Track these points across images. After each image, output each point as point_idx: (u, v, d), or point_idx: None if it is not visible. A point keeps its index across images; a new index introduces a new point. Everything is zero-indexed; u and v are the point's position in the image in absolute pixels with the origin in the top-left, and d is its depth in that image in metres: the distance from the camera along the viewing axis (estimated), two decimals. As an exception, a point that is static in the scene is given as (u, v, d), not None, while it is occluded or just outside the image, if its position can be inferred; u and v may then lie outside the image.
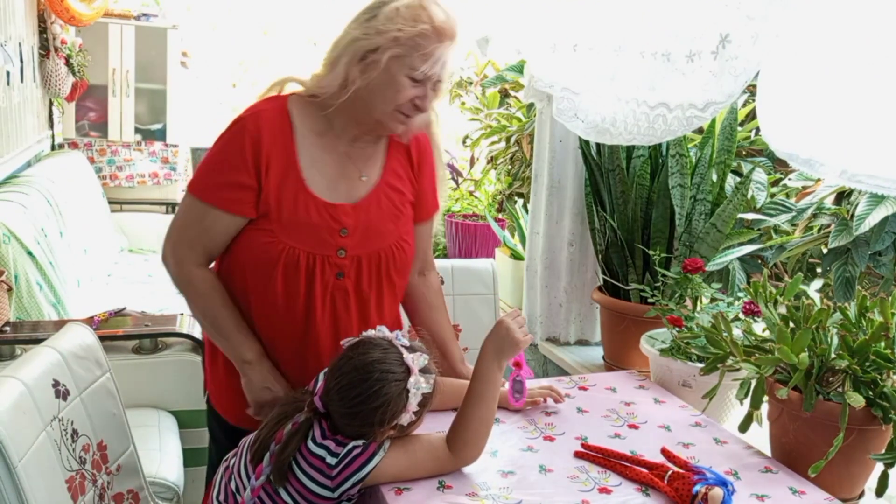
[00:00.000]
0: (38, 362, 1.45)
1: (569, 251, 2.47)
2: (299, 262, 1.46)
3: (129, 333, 2.28)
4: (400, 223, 1.55)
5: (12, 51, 3.13)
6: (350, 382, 1.27)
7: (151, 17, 4.61)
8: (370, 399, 1.25)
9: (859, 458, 1.40)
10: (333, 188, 1.49)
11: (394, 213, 1.54)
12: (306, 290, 1.47)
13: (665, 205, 2.11)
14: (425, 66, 1.41)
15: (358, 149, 1.53)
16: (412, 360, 1.28)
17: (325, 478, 1.26)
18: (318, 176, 1.48)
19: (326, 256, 1.46)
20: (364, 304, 1.52)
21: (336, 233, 1.47)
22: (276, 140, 1.47)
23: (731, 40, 1.56)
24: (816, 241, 2.18)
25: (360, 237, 1.49)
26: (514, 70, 3.79)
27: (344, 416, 1.27)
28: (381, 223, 1.52)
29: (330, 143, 1.51)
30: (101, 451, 1.56)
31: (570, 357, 2.41)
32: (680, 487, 1.31)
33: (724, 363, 1.55)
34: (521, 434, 1.51)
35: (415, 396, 1.27)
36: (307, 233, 1.46)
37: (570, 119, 2.10)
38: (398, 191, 1.56)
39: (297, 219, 1.46)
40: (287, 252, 1.45)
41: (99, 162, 4.52)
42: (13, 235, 2.50)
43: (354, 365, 1.28)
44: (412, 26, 1.39)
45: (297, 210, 1.46)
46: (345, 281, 1.48)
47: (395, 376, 1.26)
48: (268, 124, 1.47)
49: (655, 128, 1.81)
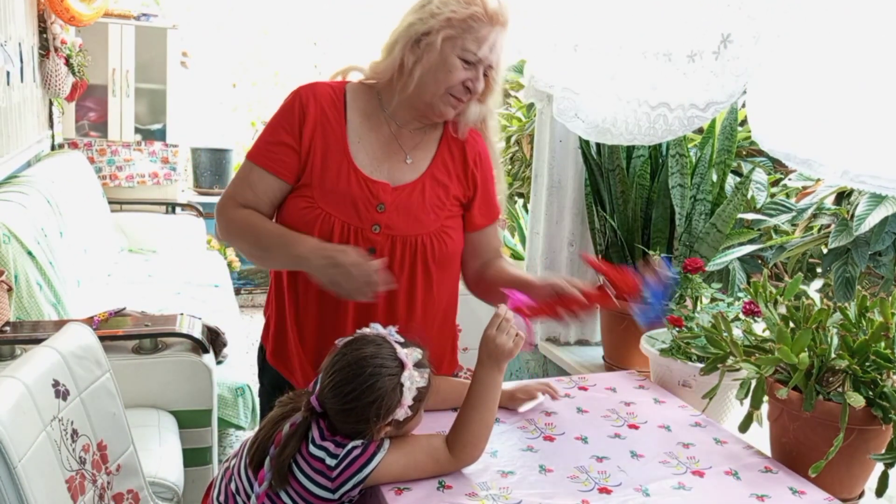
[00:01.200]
0: (38, 362, 1.45)
1: (569, 251, 2.47)
2: (334, 230, 1.49)
3: (129, 333, 2.28)
4: (441, 215, 1.55)
5: (12, 51, 3.13)
6: (344, 378, 1.26)
7: (151, 17, 4.61)
8: (364, 394, 1.24)
9: (859, 458, 1.40)
10: (377, 166, 1.54)
11: (436, 205, 1.55)
12: None
13: (665, 205, 2.11)
14: (477, 48, 1.46)
15: (407, 133, 1.57)
16: (406, 354, 1.28)
17: (326, 479, 1.26)
18: (363, 153, 1.53)
19: (361, 229, 1.49)
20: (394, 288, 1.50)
21: (373, 207, 1.50)
22: (326, 113, 1.53)
23: (732, 40, 1.56)
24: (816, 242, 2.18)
25: (397, 217, 1.51)
26: (515, 70, 3.79)
27: (339, 412, 1.27)
28: (422, 210, 1.53)
29: (377, 125, 1.56)
30: (101, 451, 1.56)
31: (570, 357, 2.41)
32: (625, 279, 1.40)
33: (724, 363, 1.55)
34: (521, 434, 1.51)
35: (409, 391, 1.26)
36: (345, 202, 1.49)
37: (571, 119, 2.10)
38: (443, 185, 1.57)
39: (338, 187, 1.50)
40: (323, 218, 1.49)
41: (99, 162, 4.52)
42: (13, 235, 2.50)
43: (348, 361, 1.28)
44: (465, 8, 1.45)
45: (339, 179, 1.50)
46: (376, 258, 1.47)
47: (388, 371, 1.26)
48: (320, 97, 1.54)
49: (656, 128, 1.81)
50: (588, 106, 2.04)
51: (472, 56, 1.46)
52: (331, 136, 1.53)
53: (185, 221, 4.59)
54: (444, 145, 1.60)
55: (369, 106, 1.57)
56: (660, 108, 1.79)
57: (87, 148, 4.49)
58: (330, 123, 1.53)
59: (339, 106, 1.55)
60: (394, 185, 1.52)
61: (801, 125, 1.42)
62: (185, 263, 4.08)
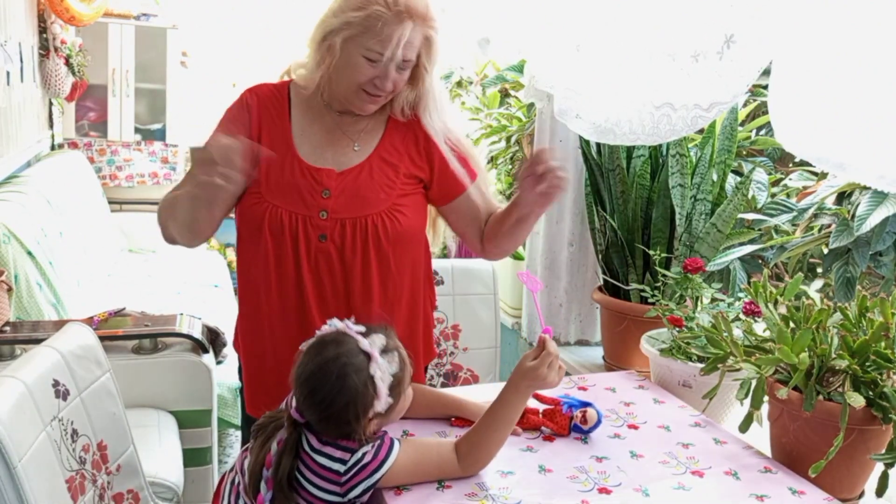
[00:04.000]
0: (38, 362, 1.45)
1: (569, 251, 2.47)
2: (283, 222, 1.51)
3: (129, 333, 2.27)
4: (392, 194, 1.55)
5: (12, 51, 3.13)
6: (313, 388, 1.23)
7: (151, 16, 4.61)
8: (337, 399, 1.21)
9: (859, 458, 1.40)
10: (320, 154, 1.56)
11: (386, 184, 1.55)
12: (293, 251, 1.52)
13: (665, 205, 2.11)
14: (381, 48, 1.44)
15: (350, 120, 1.58)
16: (369, 344, 1.25)
17: (335, 485, 1.25)
18: (306, 144, 1.56)
19: (309, 217, 1.51)
20: (348, 269, 1.53)
21: (318, 194, 1.51)
22: (270, 111, 1.58)
23: (735, 40, 1.56)
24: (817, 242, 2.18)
25: (343, 201, 1.52)
26: (515, 70, 3.79)
27: (320, 422, 1.25)
28: (370, 191, 1.53)
29: (320, 115, 1.58)
30: (101, 451, 1.56)
31: (570, 357, 2.41)
32: (558, 420, 1.49)
33: (724, 363, 1.55)
34: (520, 435, 1.51)
35: (382, 381, 1.23)
36: (291, 192, 1.52)
37: (573, 119, 2.10)
38: (392, 165, 1.57)
39: (283, 179, 1.53)
40: (271, 211, 1.52)
41: (99, 162, 4.52)
42: (13, 235, 2.49)
43: (311, 369, 1.24)
44: (364, 8, 1.43)
45: (283, 171, 1.53)
46: (328, 244, 1.51)
47: (354, 367, 1.22)
48: (263, 97, 1.59)
49: (660, 128, 1.81)
50: (590, 106, 2.04)
51: (376, 55, 1.44)
52: (275, 132, 1.56)
53: (185, 221, 4.58)
54: (392, 127, 1.59)
55: (312, 99, 1.59)
56: (663, 108, 1.79)
57: (86, 148, 4.49)
58: (273, 121, 1.57)
59: (283, 103, 1.59)
60: (339, 170, 1.54)
61: (834, 128, 1.39)
62: (184, 263, 4.08)
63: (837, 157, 1.39)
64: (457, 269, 2.29)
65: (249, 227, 1.55)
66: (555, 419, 1.49)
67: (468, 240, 1.70)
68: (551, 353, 1.33)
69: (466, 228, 1.68)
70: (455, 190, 1.64)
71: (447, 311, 2.25)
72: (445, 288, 2.25)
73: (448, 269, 2.28)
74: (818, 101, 1.42)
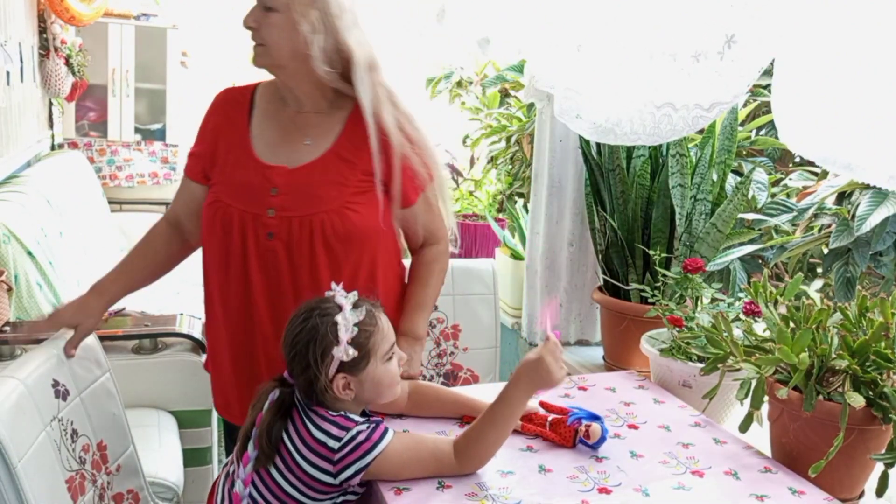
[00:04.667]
0: (37, 362, 1.45)
1: (569, 251, 2.47)
2: (233, 220, 1.53)
3: (129, 333, 2.28)
4: (345, 192, 1.52)
5: (12, 51, 3.13)
6: (289, 329, 1.32)
7: (151, 17, 4.61)
8: (302, 337, 1.29)
9: (859, 458, 1.40)
10: (274, 152, 1.56)
11: (339, 181, 1.53)
12: (241, 249, 1.53)
13: (665, 205, 2.11)
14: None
15: (306, 117, 1.58)
16: (342, 296, 1.32)
17: (328, 462, 1.27)
18: (262, 142, 1.58)
19: (257, 215, 1.51)
20: (296, 268, 1.53)
21: (266, 191, 1.52)
22: (230, 114, 1.61)
23: (736, 40, 1.56)
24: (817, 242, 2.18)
25: (291, 198, 1.51)
26: (515, 70, 3.79)
27: (290, 363, 1.32)
28: (320, 187, 1.52)
29: (276, 112, 1.60)
30: (101, 451, 1.56)
31: (570, 357, 2.41)
32: (562, 431, 1.46)
33: (724, 363, 1.55)
34: (520, 434, 1.51)
35: (344, 329, 1.28)
36: (241, 191, 1.54)
37: (573, 119, 2.09)
38: (349, 161, 1.54)
39: (235, 178, 1.55)
40: (223, 209, 1.54)
41: (99, 162, 4.52)
42: (13, 235, 2.50)
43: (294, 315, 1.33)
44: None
45: (236, 171, 1.56)
46: (275, 242, 1.51)
47: (322, 312, 1.30)
48: (228, 101, 1.64)
49: (661, 128, 1.81)
50: (591, 106, 2.03)
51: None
52: (233, 134, 1.59)
53: (184, 221, 4.59)
54: (354, 123, 1.56)
55: (273, 98, 1.61)
56: (664, 108, 1.79)
57: (86, 148, 4.49)
58: (233, 123, 1.60)
59: (245, 104, 1.62)
60: (292, 167, 1.54)
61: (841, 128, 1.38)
62: (184, 263, 4.06)
63: (845, 158, 1.38)
64: (457, 269, 2.29)
65: (205, 228, 1.59)
66: (559, 430, 1.47)
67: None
68: (557, 345, 1.34)
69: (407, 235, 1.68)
70: (403, 202, 1.59)
71: (447, 311, 2.25)
72: (445, 288, 2.24)
73: (448, 269, 2.28)
74: (823, 101, 1.41)
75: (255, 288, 1.54)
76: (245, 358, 1.59)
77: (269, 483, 1.31)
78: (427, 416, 1.54)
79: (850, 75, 1.37)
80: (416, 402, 1.54)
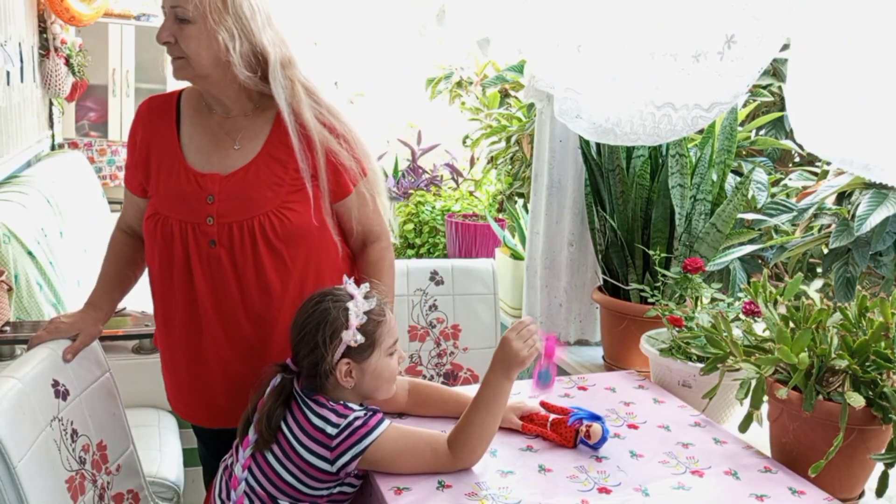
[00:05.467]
0: (37, 362, 1.45)
1: (569, 251, 2.47)
2: (174, 232, 1.53)
3: (129, 333, 2.28)
4: (281, 192, 1.52)
5: (12, 51, 3.13)
6: (300, 315, 1.37)
7: (151, 17, 4.61)
8: (312, 319, 1.34)
9: (859, 458, 1.40)
10: (206, 160, 1.55)
11: (273, 182, 1.52)
12: (185, 259, 1.53)
13: (665, 205, 2.11)
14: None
15: (233, 121, 1.57)
16: (354, 286, 1.37)
17: (325, 449, 1.28)
18: (193, 151, 1.57)
19: (197, 224, 1.51)
20: (241, 272, 1.52)
21: (203, 200, 1.51)
22: (156, 124, 1.60)
23: (736, 41, 1.56)
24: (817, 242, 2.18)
25: (228, 205, 1.51)
26: (515, 70, 3.79)
27: (297, 345, 1.36)
28: (255, 190, 1.52)
29: (203, 119, 1.58)
30: (101, 451, 1.56)
31: (570, 357, 2.41)
32: (563, 431, 1.47)
33: (724, 363, 1.55)
34: (520, 434, 1.51)
35: (354, 314, 1.33)
36: (178, 202, 1.53)
37: (573, 119, 2.09)
38: (281, 161, 1.53)
39: (170, 189, 1.55)
40: (162, 222, 1.54)
41: (99, 162, 4.52)
42: (13, 235, 2.49)
43: (306, 301, 1.39)
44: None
45: (170, 181, 1.55)
46: (218, 249, 1.51)
47: (335, 298, 1.35)
48: (152, 110, 1.62)
49: (661, 128, 1.81)
50: (591, 106, 2.03)
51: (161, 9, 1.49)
52: (163, 144, 1.58)
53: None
54: (278, 123, 1.54)
55: (199, 104, 1.60)
56: (664, 109, 1.79)
57: (87, 148, 4.49)
58: (161, 133, 1.58)
59: (171, 113, 1.60)
60: (225, 173, 1.53)
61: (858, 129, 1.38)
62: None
63: (862, 159, 1.38)
64: (457, 269, 2.29)
65: (147, 240, 1.59)
66: (560, 431, 1.48)
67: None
68: (523, 323, 1.37)
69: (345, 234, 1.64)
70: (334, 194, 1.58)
71: (447, 311, 2.25)
72: (445, 288, 2.25)
73: (448, 269, 2.28)
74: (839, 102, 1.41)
75: (201, 295, 1.53)
76: (198, 364, 1.59)
77: (267, 470, 1.31)
78: (429, 415, 1.54)
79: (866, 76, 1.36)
80: (418, 401, 1.55)
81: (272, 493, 1.32)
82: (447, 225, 3.97)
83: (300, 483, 1.31)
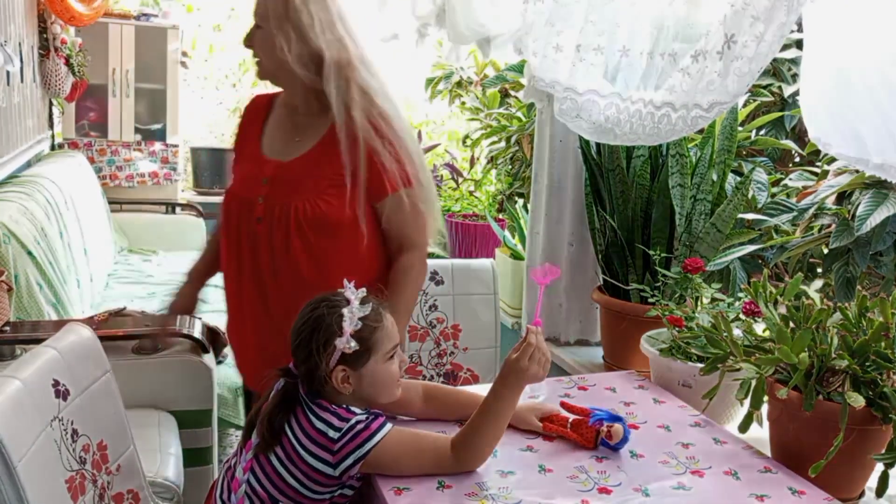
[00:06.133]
0: (38, 362, 1.45)
1: (569, 251, 2.47)
2: (231, 206, 1.72)
3: (129, 333, 2.28)
4: (321, 184, 1.65)
5: (12, 51, 3.13)
6: (297, 321, 1.37)
7: (151, 17, 4.61)
8: (308, 326, 1.33)
9: (859, 458, 1.40)
10: (273, 148, 1.74)
11: (316, 174, 1.66)
12: (237, 233, 1.69)
13: (665, 205, 2.11)
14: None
15: (303, 118, 1.72)
16: (352, 291, 1.35)
17: (328, 453, 1.28)
18: (268, 140, 1.76)
19: (250, 201, 1.67)
20: (275, 252, 1.65)
21: (259, 181, 1.68)
22: (254, 116, 1.80)
23: (736, 41, 1.56)
24: (817, 242, 2.18)
25: (277, 188, 1.66)
26: (515, 70, 3.79)
27: (294, 351, 1.35)
28: (301, 180, 1.66)
29: (285, 116, 1.77)
30: (101, 451, 1.56)
31: (570, 357, 2.41)
32: (583, 432, 1.46)
33: (724, 363, 1.55)
34: (520, 434, 1.51)
35: (349, 319, 1.31)
36: (242, 181, 1.75)
37: (573, 119, 2.09)
38: (328, 156, 1.66)
39: (242, 171, 1.78)
40: (229, 197, 1.74)
41: (99, 162, 4.52)
42: (13, 235, 2.49)
43: (304, 307, 1.38)
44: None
45: (244, 164, 1.77)
46: (261, 226, 1.66)
47: (330, 304, 1.34)
48: (254, 107, 1.83)
49: (660, 128, 1.81)
50: (591, 106, 2.03)
51: None
52: (250, 134, 1.79)
53: (185, 221, 4.58)
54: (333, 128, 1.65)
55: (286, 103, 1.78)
56: (664, 109, 1.79)
57: (87, 148, 4.49)
58: (252, 125, 1.80)
59: (265, 108, 1.80)
60: (285, 160, 1.70)
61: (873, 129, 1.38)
62: (185, 263, 4.07)
63: (878, 159, 1.38)
64: (457, 269, 2.29)
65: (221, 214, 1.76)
66: (581, 431, 1.47)
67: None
68: (531, 344, 1.35)
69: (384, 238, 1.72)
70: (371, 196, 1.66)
71: (447, 311, 2.25)
72: (445, 288, 2.25)
73: (448, 269, 2.28)
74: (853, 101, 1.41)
75: (246, 268, 1.69)
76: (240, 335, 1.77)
77: (270, 472, 1.31)
78: (448, 419, 1.51)
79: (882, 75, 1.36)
80: (436, 406, 1.52)
81: (274, 494, 1.32)
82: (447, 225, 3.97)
83: (302, 486, 1.31)
